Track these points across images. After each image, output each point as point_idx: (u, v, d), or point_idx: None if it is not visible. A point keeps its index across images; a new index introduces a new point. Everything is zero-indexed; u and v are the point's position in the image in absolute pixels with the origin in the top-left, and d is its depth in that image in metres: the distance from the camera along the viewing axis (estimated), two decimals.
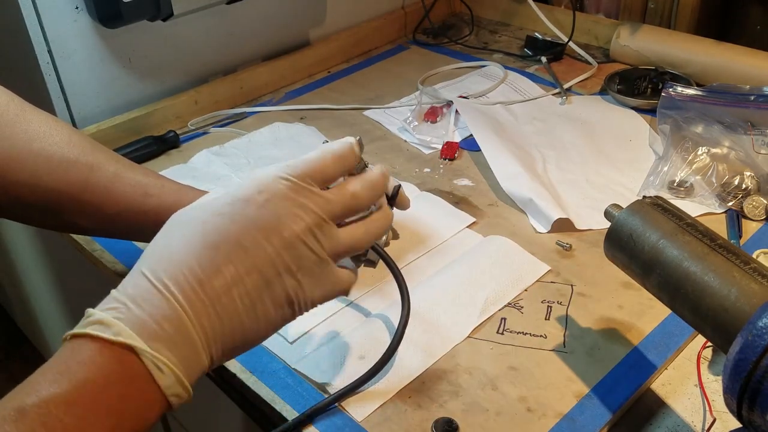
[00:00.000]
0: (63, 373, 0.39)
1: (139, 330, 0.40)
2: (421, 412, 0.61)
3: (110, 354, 0.39)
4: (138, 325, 0.40)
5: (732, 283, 0.50)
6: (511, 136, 1.00)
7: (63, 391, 0.38)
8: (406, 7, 1.36)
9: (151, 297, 0.42)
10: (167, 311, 0.41)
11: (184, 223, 0.46)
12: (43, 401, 0.37)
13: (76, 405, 0.38)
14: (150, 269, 0.43)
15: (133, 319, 0.41)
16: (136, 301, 0.42)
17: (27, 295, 1.69)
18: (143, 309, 0.41)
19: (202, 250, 0.43)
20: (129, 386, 0.39)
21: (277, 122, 1.06)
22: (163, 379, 0.40)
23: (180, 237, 0.44)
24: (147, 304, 0.41)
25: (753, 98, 0.92)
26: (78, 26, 0.95)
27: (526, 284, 0.74)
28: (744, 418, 0.44)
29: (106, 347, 0.40)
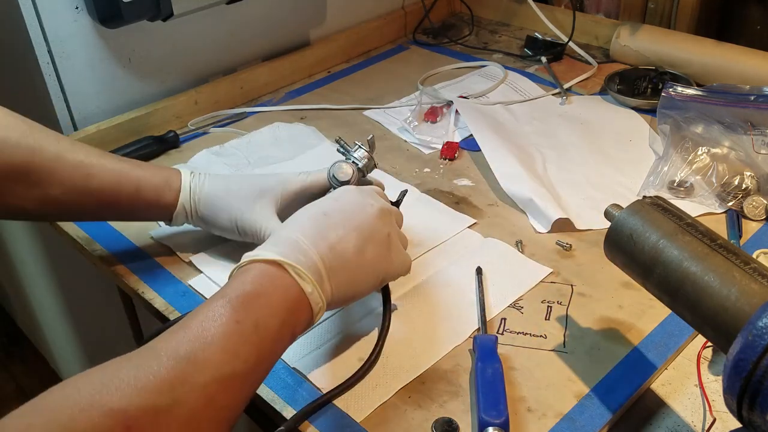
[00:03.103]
0: (237, 283, 0.54)
1: (283, 256, 0.55)
2: (421, 412, 0.61)
3: (272, 272, 0.55)
4: (282, 255, 0.55)
5: (732, 283, 0.50)
6: (511, 136, 1.00)
7: (245, 292, 0.52)
8: (406, 7, 1.36)
9: (288, 242, 0.57)
10: (300, 247, 0.57)
11: (302, 209, 0.63)
12: (233, 297, 0.52)
13: (259, 296, 0.53)
14: (284, 230, 0.59)
15: (279, 251, 0.56)
16: (277, 246, 0.57)
17: (27, 295, 1.69)
18: (283, 248, 0.56)
19: (318, 217, 0.61)
20: (287, 292, 0.54)
21: (277, 122, 1.06)
22: (305, 285, 0.55)
23: (302, 214, 0.62)
24: (285, 245, 0.57)
25: (753, 98, 0.92)
26: (78, 26, 0.95)
27: (527, 287, 0.74)
28: (744, 418, 0.44)
29: (263, 266, 0.55)
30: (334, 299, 0.59)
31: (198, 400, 0.46)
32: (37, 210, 0.69)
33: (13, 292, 1.86)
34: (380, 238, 0.63)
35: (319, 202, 0.64)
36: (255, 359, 0.50)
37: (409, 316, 0.70)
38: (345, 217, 0.62)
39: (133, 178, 0.71)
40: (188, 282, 0.76)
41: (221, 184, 0.74)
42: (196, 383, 0.46)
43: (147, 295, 0.75)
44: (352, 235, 0.60)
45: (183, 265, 0.78)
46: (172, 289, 0.75)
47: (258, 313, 0.52)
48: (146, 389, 0.44)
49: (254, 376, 0.52)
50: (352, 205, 0.63)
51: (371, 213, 0.63)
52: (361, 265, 0.61)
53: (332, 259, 0.58)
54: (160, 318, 0.74)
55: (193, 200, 0.73)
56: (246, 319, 0.51)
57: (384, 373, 0.65)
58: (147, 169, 0.73)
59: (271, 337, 0.52)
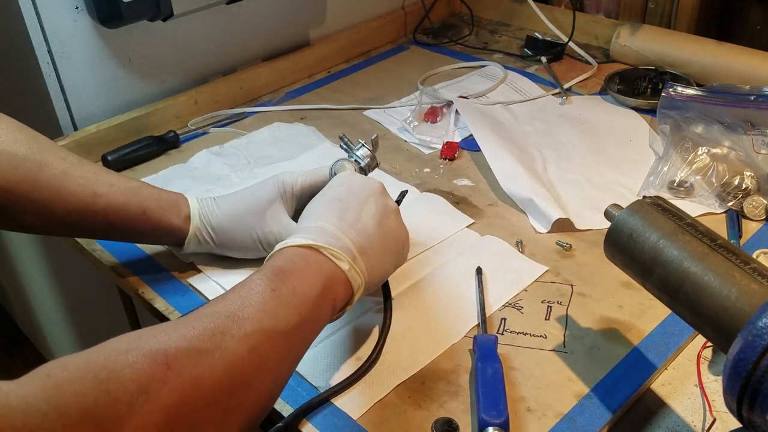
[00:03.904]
0: (271, 262, 0.56)
1: (315, 240, 0.57)
2: (421, 412, 0.61)
3: (304, 252, 0.57)
4: (314, 240, 0.57)
5: (732, 283, 0.50)
6: (511, 136, 1.00)
7: (280, 267, 0.54)
8: (406, 7, 1.36)
9: (316, 229, 0.59)
10: (329, 232, 0.59)
11: (314, 200, 0.65)
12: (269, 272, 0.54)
13: (294, 271, 0.54)
14: (308, 222, 0.61)
15: (310, 237, 0.58)
16: (306, 233, 0.58)
17: (27, 295, 1.69)
18: (314, 234, 0.58)
19: (333, 203, 0.63)
20: (321, 268, 0.56)
21: (277, 122, 1.06)
22: (342, 264, 0.57)
23: (318, 205, 0.64)
24: (313, 232, 0.58)
25: (753, 98, 0.92)
26: (78, 26, 0.95)
27: (524, 284, 0.74)
28: (744, 418, 0.44)
29: (296, 249, 0.57)
30: (371, 277, 0.60)
31: (240, 347, 0.47)
32: (41, 226, 0.68)
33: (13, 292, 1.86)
34: (391, 211, 0.66)
35: (328, 191, 0.66)
36: (297, 320, 0.51)
37: (407, 314, 0.70)
38: (358, 199, 0.64)
39: (140, 200, 0.70)
40: (189, 281, 0.76)
41: (231, 207, 0.73)
42: (237, 334, 0.47)
43: (147, 296, 0.75)
44: (370, 214, 0.63)
45: (183, 265, 0.78)
46: (172, 290, 0.75)
47: (294, 282, 0.53)
48: (186, 336, 0.45)
49: (298, 337, 0.52)
50: (359, 186, 0.66)
51: (377, 189, 0.66)
52: (384, 241, 0.63)
53: (359, 239, 0.60)
54: (160, 318, 0.74)
55: (207, 229, 0.73)
56: (282, 287, 0.52)
57: (381, 370, 0.65)
58: (154, 192, 0.72)
59: (311, 302, 0.53)
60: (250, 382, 0.47)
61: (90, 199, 0.67)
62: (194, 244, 0.73)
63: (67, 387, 0.38)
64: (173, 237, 0.73)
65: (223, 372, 0.45)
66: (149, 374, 0.41)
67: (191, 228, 0.72)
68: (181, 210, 0.72)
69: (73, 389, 0.38)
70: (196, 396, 0.43)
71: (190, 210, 0.73)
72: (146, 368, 0.41)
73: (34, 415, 0.36)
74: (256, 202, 0.73)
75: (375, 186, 0.66)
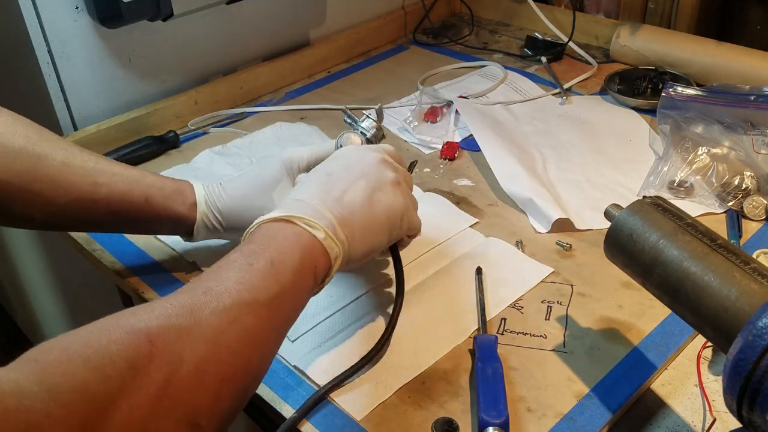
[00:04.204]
0: (247, 239, 0.56)
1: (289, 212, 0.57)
2: (421, 412, 0.61)
3: (280, 225, 0.56)
4: (288, 212, 0.57)
5: (732, 283, 0.50)
6: (511, 136, 1.00)
7: (255, 242, 0.54)
8: (406, 7, 1.36)
9: (293, 203, 0.58)
10: (307, 203, 0.58)
11: (306, 175, 0.65)
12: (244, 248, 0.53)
13: (270, 243, 0.54)
14: (289, 196, 0.60)
15: (285, 211, 0.57)
16: (283, 208, 0.57)
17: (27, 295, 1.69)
18: (289, 208, 0.57)
19: (321, 177, 0.62)
20: (298, 237, 0.55)
21: (279, 122, 1.06)
22: (317, 233, 0.56)
23: (306, 180, 0.63)
24: (290, 206, 0.58)
25: (753, 98, 0.92)
26: (78, 26, 0.95)
27: (529, 286, 0.74)
28: (744, 418, 0.44)
29: (271, 223, 0.56)
30: (354, 250, 0.59)
31: (221, 320, 0.47)
32: (43, 219, 0.67)
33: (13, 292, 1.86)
34: (387, 183, 0.64)
35: (321, 165, 0.65)
36: (277, 289, 0.51)
37: (410, 315, 0.70)
38: (348, 172, 0.62)
39: (143, 188, 0.69)
40: (190, 280, 0.76)
41: (237, 190, 0.72)
42: (216, 307, 0.47)
43: (147, 296, 0.75)
44: (358, 185, 0.61)
45: (183, 265, 0.78)
46: (171, 289, 0.75)
47: (272, 253, 0.53)
48: (165, 314, 0.45)
49: (281, 306, 0.51)
50: (353, 159, 0.65)
51: (372, 161, 0.64)
52: (373, 212, 0.61)
53: (341, 210, 0.59)
54: None
55: (214, 214, 0.72)
56: (260, 260, 0.52)
57: (384, 371, 0.65)
58: (157, 179, 0.71)
59: (290, 271, 0.52)
60: (238, 352, 0.47)
61: (91, 188, 0.67)
62: (204, 231, 0.72)
63: (56, 368, 0.39)
64: (180, 225, 0.72)
65: (206, 345, 0.45)
66: (135, 350, 0.41)
67: (198, 215, 0.71)
68: (186, 197, 0.71)
69: (61, 369, 0.39)
70: (182, 370, 0.43)
71: (195, 197, 0.71)
72: (131, 345, 0.42)
73: (26, 396, 0.36)
74: (263, 182, 0.72)
75: (373, 157, 0.65)
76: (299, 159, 0.72)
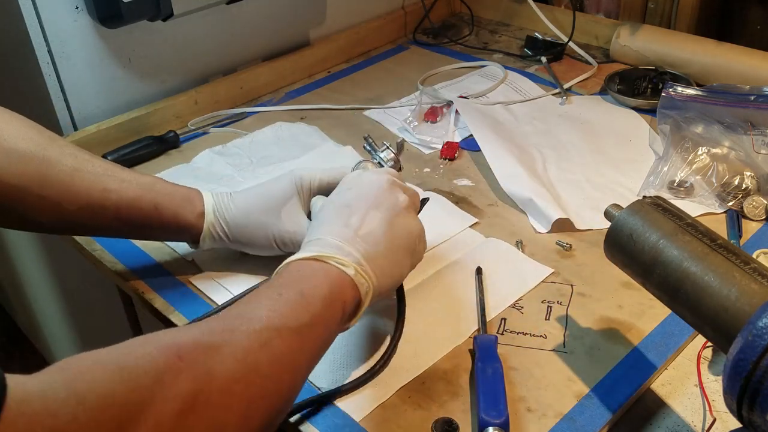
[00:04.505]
0: (277, 275, 0.57)
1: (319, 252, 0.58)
2: (421, 412, 0.61)
3: (309, 262, 0.57)
4: (318, 252, 0.58)
5: (732, 283, 0.50)
6: (511, 136, 1.00)
7: (285, 277, 0.56)
8: (406, 7, 1.36)
9: (321, 243, 0.59)
10: (334, 243, 0.58)
11: (323, 207, 0.65)
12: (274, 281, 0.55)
13: (301, 278, 0.55)
14: (315, 234, 0.60)
15: (315, 250, 0.58)
16: (311, 247, 0.58)
17: (27, 295, 1.69)
18: (319, 247, 0.58)
19: (341, 211, 0.62)
20: (328, 273, 0.56)
21: (279, 122, 1.06)
22: (347, 269, 0.57)
23: (326, 215, 0.63)
24: (319, 245, 0.58)
25: (753, 98, 0.92)
26: (78, 26, 0.95)
27: (530, 286, 0.74)
28: (744, 418, 0.44)
29: (301, 261, 0.57)
30: (382, 283, 0.60)
31: (252, 342, 0.47)
32: (52, 224, 0.68)
33: (13, 292, 1.86)
34: (401, 208, 0.64)
35: (337, 197, 0.65)
36: (307, 318, 0.52)
37: (410, 316, 0.70)
38: (365, 201, 0.63)
39: (152, 195, 0.69)
40: (189, 280, 0.76)
41: (246, 203, 0.72)
42: (247, 330, 0.48)
43: (147, 295, 0.75)
44: (377, 216, 0.62)
45: (183, 265, 0.78)
46: (172, 289, 0.75)
47: (301, 286, 0.54)
48: (195, 334, 0.46)
49: (311, 334, 0.52)
50: (365, 186, 0.65)
51: (384, 184, 0.65)
52: (394, 242, 0.62)
53: (366, 246, 0.59)
54: (160, 318, 0.74)
55: (221, 225, 0.72)
56: (290, 291, 0.53)
57: (385, 372, 0.65)
58: (167, 187, 0.71)
59: (319, 303, 0.53)
60: (268, 375, 0.47)
61: (101, 194, 0.67)
62: (209, 240, 0.72)
63: (85, 376, 0.39)
64: (187, 233, 0.72)
65: (235, 364, 0.45)
66: (164, 363, 0.42)
67: (205, 224, 0.71)
68: (194, 206, 0.71)
69: (90, 377, 0.39)
70: (211, 386, 0.43)
71: (204, 206, 0.71)
72: (160, 358, 0.42)
73: (53, 401, 0.36)
74: (272, 198, 0.72)
75: (383, 182, 0.65)
76: (311, 179, 0.72)
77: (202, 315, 0.70)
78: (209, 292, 0.74)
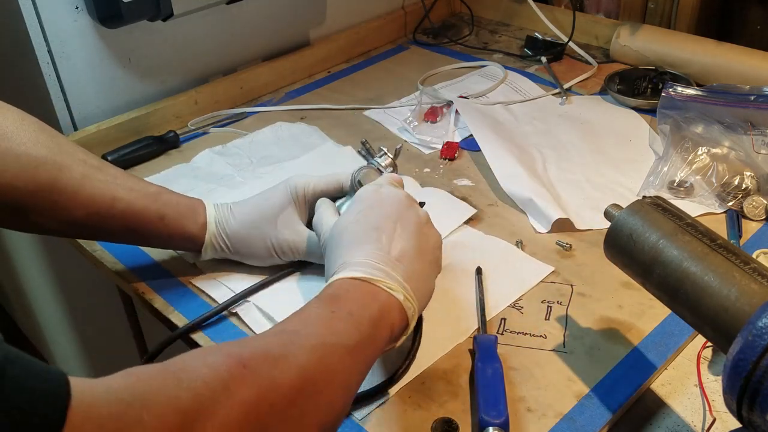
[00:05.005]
0: (326, 291, 0.57)
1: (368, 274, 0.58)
2: (421, 412, 0.61)
3: (357, 282, 0.57)
4: (366, 273, 0.57)
5: (732, 283, 0.50)
6: (511, 136, 1.00)
7: (335, 294, 0.56)
8: (406, 7, 1.36)
9: (364, 264, 0.58)
10: (378, 267, 0.58)
11: (344, 230, 0.63)
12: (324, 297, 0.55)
13: (350, 298, 0.55)
14: (353, 256, 0.59)
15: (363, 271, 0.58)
16: (356, 267, 0.58)
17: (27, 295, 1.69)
18: (365, 268, 0.58)
19: (371, 234, 0.61)
20: (376, 295, 0.56)
21: (279, 122, 1.06)
22: (397, 294, 0.57)
23: (357, 234, 0.62)
24: (364, 266, 0.58)
25: (753, 98, 0.92)
26: (78, 26, 0.95)
27: (530, 285, 0.74)
28: (744, 418, 0.44)
29: (349, 279, 0.57)
30: (421, 303, 0.61)
31: (309, 356, 0.48)
32: (59, 229, 0.68)
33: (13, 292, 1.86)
34: (422, 224, 0.65)
35: (362, 216, 0.64)
36: (358, 337, 0.52)
37: None
38: (391, 221, 0.62)
39: (158, 206, 0.70)
40: (189, 281, 0.76)
41: (245, 215, 0.73)
42: (304, 345, 0.49)
43: (147, 296, 0.75)
44: (405, 236, 0.62)
45: (183, 265, 0.78)
46: (172, 290, 0.75)
47: (351, 305, 0.54)
48: (257, 346, 0.47)
49: (361, 354, 0.53)
50: (389, 206, 0.64)
51: (404, 201, 0.65)
52: (424, 258, 0.63)
53: (404, 269, 0.60)
54: (160, 318, 0.74)
55: (222, 237, 0.72)
56: (340, 309, 0.54)
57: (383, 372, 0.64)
58: (173, 197, 0.71)
59: (369, 323, 0.54)
60: (322, 390, 0.48)
61: (109, 203, 0.67)
62: (211, 251, 0.73)
63: (150, 381, 0.40)
64: (190, 244, 0.73)
65: (297, 375, 0.46)
66: (228, 371, 0.43)
67: (207, 235, 0.72)
68: (198, 217, 0.72)
69: (155, 383, 0.40)
70: (273, 395, 0.44)
71: (207, 217, 0.72)
72: (224, 367, 0.43)
73: (118, 404, 0.37)
74: (269, 208, 0.72)
75: (402, 198, 0.65)
76: (305, 186, 0.73)
77: (202, 314, 0.70)
78: (210, 291, 0.74)
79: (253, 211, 0.73)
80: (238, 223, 0.72)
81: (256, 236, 0.72)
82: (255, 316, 0.71)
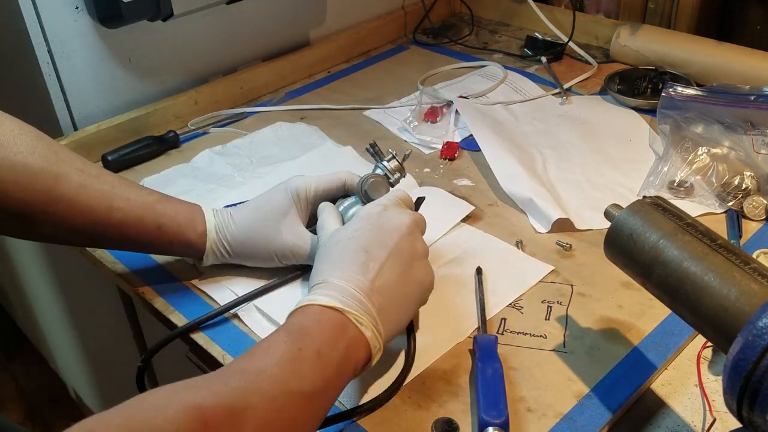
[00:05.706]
0: (297, 320, 0.56)
1: (342, 303, 0.57)
2: (421, 412, 0.61)
3: (329, 313, 0.56)
4: (341, 302, 0.56)
5: (732, 283, 0.50)
6: (511, 136, 1.00)
7: (306, 326, 0.55)
8: (406, 7, 1.36)
9: (341, 290, 0.57)
10: (354, 295, 0.57)
11: (337, 243, 0.62)
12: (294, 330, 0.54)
13: (321, 332, 0.54)
14: (334, 276, 0.59)
15: (337, 298, 0.57)
16: (331, 291, 0.57)
17: (27, 295, 1.69)
18: (340, 295, 0.57)
19: (359, 256, 0.60)
20: (345, 330, 0.55)
21: (279, 122, 1.06)
22: (365, 330, 0.56)
23: (343, 253, 0.61)
24: (339, 292, 0.57)
25: (753, 98, 0.92)
26: (78, 26, 0.95)
27: (529, 284, 0.74)
28: (744, 418, 0.44)
29: (321, 308, 0.56)
30: (387, 338, 0.60)
31: (269, 409, 0.48)
32: (58, 237, 0.68)
33: (13, 292, 1.86)
34: (418, 258, 0.64)
35: (357, 234, 0.63)
36: (321, 382, 0.52)
37: None
38: (383, 248, 0.61)
39: (155, 216, 0.69)
40: (189, 281, 0.76)
41: (245, 219, 0.72)
42: (266, 394, 0.48)
43: (147, 296, 0.75)
44: (394, 268, 0.61)
45: (183, 266, 0.78)
46: (172, 290, 0.75)
47: (319, 343, 0.53)
48: (220, 393, 0.46)
49: (320, 400, 0.53)
50: (386, 230, 0.63)
51: (404, 229, 0.64)
52: (406, 292, 0.62)
53: (381, 299, 0.59)
54: (160, 318, 0.74)
55: (223, 243, 0.72)
56: (308, 348, 0.53)
57: (383, 372, 0.64)
58: (171, 205, 0.71)
59: (334, 366, 0.53)
60: None
61: (107, 212, 0.67)
62: (212, 257, 0.73)
63: None
64: (190, 251, 0.73)
65: (255, 430, 0.46)
66: (187, 429, 0.43)
67: (208, 242, 0.72)
68: (197, 225, 0.71)
69: None
70: None
71: (206, 224, 0.72)
72: (184, 424, 0.43)
73: None
74: (270, 212, 0.72)
75: (404, 227, 0.64)
76: (307, 188, 0.72)
77: (202, 315, 0.70)
78: (211, 292, 0.74)
79: (253, 216, 0.72)
80: (238, 228, 0.72)
81: (257, 241, 0.72)
82: (256, 318, 0.71)
